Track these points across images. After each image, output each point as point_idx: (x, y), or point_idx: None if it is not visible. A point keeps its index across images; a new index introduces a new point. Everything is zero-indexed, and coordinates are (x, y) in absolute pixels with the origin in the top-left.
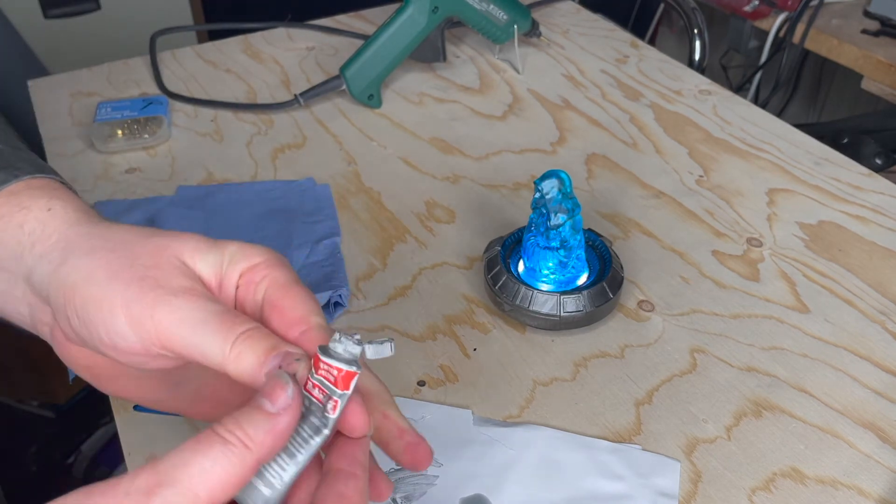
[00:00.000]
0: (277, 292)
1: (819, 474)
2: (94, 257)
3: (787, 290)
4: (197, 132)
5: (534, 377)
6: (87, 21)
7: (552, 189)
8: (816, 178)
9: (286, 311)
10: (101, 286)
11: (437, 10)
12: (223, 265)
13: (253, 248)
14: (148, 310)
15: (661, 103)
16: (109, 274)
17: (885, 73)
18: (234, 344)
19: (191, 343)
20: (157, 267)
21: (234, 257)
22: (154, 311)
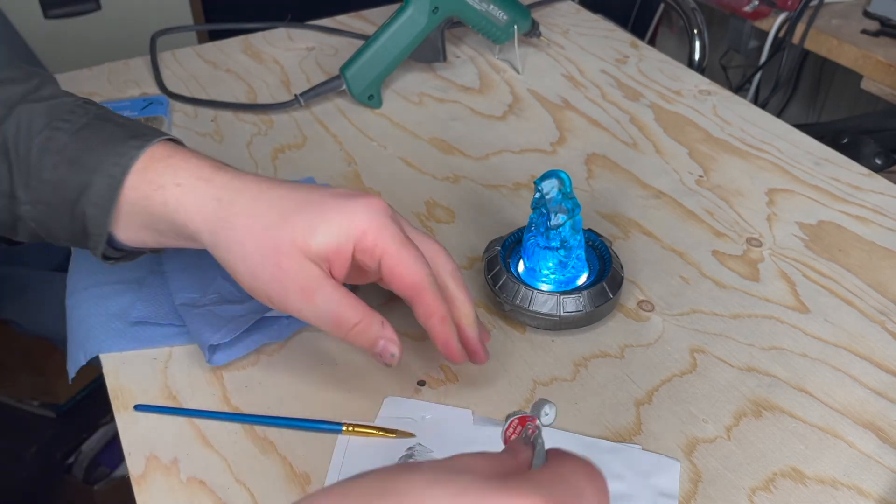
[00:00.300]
0: (389, 261)
1: (819, 474)
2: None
3: (787, 290)
4: (197, 132)
5: (534, 377)
6: (87, 21)
7: (552, 189)
8: (816, 178)
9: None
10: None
11: (437, 10)
12: (338, 241)
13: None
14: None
15: (660, 103)
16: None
17: (885, 73)
18: (348, 338)
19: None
20: (280, 266)
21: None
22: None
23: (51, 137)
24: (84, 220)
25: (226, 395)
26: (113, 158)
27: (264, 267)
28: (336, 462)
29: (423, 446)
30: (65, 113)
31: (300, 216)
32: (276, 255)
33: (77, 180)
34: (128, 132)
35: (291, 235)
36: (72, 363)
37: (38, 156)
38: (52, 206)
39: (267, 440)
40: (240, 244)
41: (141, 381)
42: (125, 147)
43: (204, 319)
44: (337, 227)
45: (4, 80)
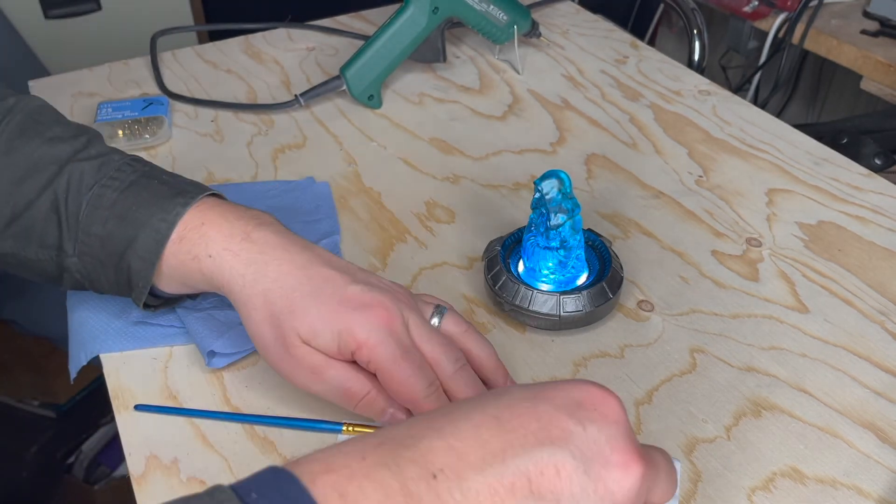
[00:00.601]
0: (385, 374)
1: (818, 474)
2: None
3: (787, 290)
4: (197, 132)
5: (534, 377)
6: (87, 21)
7: (552, 189)
8: (816, 178)
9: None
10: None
11: (437, 10)
12: (337, 345)
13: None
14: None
15: (660, 103)
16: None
17: (885, 73)
18: (356, 409)
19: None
20: (288, 352)
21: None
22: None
23: (101, 195)
24: (129, 272)
25: (226, 395)
26: (160, 214)
27: (276, 349)
28: None
29: None
30: (113, 171)
31: (306, 315)
32: (285, 342)
33: (124, 235)
34: (173, 190)
35: (297, 331)
36: (73, 363)
37: (88, 211)
38: (98, 259)
39: (267, 440)
40: (257, 324)
41: (141, 381)
42: (171, 204)
43: (204, 323)
44: (336, 336)
45: (55, 139)
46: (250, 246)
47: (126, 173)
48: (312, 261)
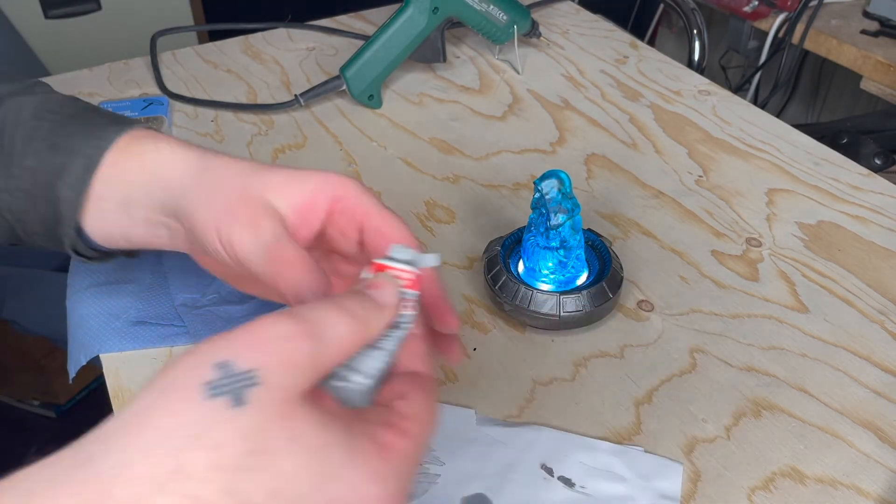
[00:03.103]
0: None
1: (818, 474)
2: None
3: (787, 289)
4: (197, 132)
5: (534, 377)
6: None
7: (552, 189)
8: (816, 178)
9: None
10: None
11: (437, 10)
12: (312, 198)
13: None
14: (228, 238)
15: (660, 103)
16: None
17: (885, 73)
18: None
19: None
20: (241, 200)
21: (321, 190)
22: (231, 238)
23: (37, 127)
24: (57, 204)
25: None
26: (93, 142)
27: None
28: None
29: None
30: (54, 105)
31: (278, 169)
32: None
33: (54, 163)
34: (111, 120)
35: (266, 180)
36: (72, 363)
37: (22, 145)
38: (29, 193)
39: None
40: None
41: (141, 381)
42: (105, 132)
43: (203, 320)
44: (316, 184)
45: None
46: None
47: (67, 108)
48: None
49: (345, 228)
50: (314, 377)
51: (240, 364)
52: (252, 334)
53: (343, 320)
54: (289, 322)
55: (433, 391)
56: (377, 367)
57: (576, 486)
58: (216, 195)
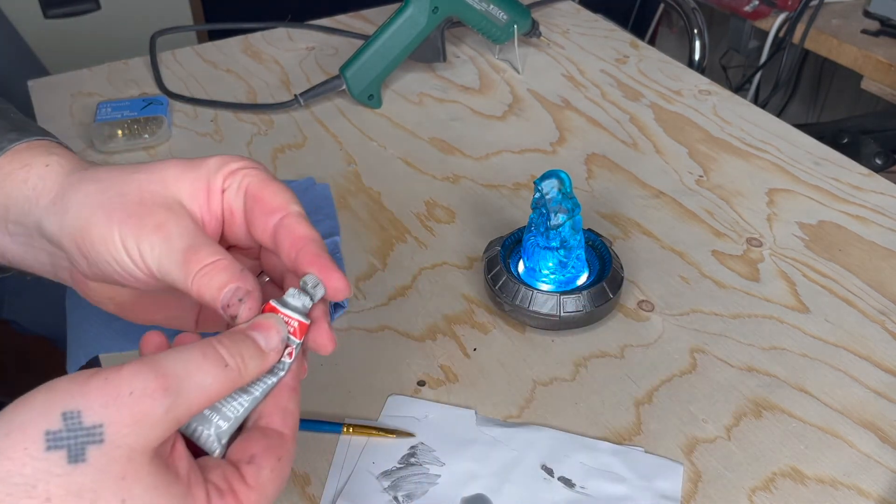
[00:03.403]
0: (257, 186)
1: (819, 474)
2: (90, 201)
3: (787, 290)
4: (197, 132)
5: (534, 377)
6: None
7: (552, 189)
8: (816, 178)
9: (266, 201)
10: (101, 227)
11: (437, 10)
12: (207, 179)
13: (232, 157)
14: (136, 246)
15: (660, 103)
16: (106, 215)
17: (885, 73)
18: (193, 280)
19: (167, 275)
20: (142, 203)
21: (217, 169)
22: (140, 247)
23: None
24: None
25: None
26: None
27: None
28: (336, 462)
29: (425, 445)
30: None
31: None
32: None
33: None
34: (14, 126)
35: (162, 174)
36: (72, 363)
37: None
38: None
39: None
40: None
41: None
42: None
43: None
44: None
45: None
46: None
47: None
48: None
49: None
50: (167, 432)
51: (87, 417)
52: (107, 386)
53: (210, 372)
54: (148, 377)
55: (286, 456)
56: (238, 412)
57: (576, 486)
58: (112, 205)
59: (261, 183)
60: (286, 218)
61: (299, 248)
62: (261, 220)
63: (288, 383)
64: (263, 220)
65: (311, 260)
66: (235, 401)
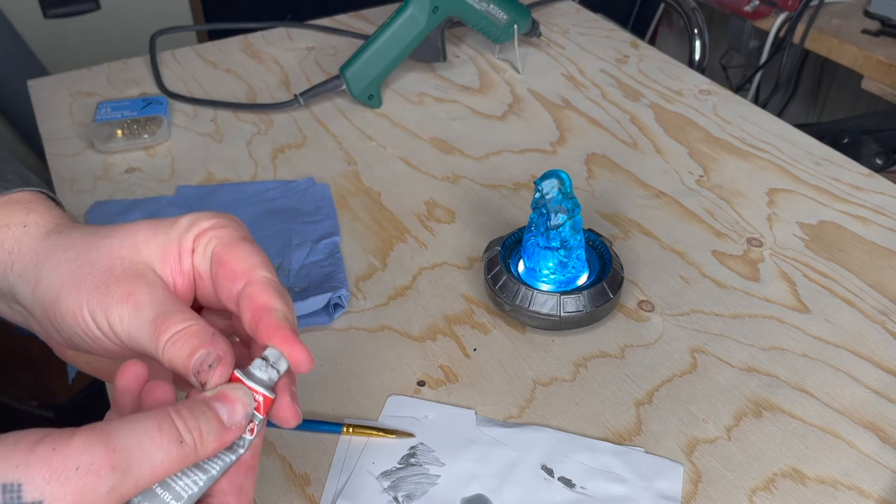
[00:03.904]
0: (223, 250)
1: (819, 474)
2: (61, 271)
3: (787, 290)
4: (197, 132)
5: (534, 377)
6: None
7: (552, 189)
8: (816, 178)
9: (231, 265)
10: (70, 299)
11: (437, 10)
12: (179, 239)
13: (204, 215)
14: (105, 318)
15: (661, 103)
16: (75, 286)
17: (886, 73)
18: (163, 350)
19: (138, 345)
20: (111, 271)
21: (187, 229)
22: (109, 318)
23: None
24: None
25: None
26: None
27: (92, 275)
28: (337, 462)
29: (425, 446)
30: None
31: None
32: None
33: None
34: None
35: (132, 239)
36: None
37: None
38: None
39: (267, 440)
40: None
41: None
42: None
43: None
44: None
45: None
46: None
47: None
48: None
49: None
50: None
51: (28, 492)
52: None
53: (163, 447)
54: (97, 451)
55: None
56: (192, 490)
57: (576, 486)
58: (81, 275)
59: (227, 246)
60: (248, 286)
61: (259, 318)
62: (225, 286)
63: (246, 462)
64: (227, 286)
65: (270, 332)
66: (189, 478)
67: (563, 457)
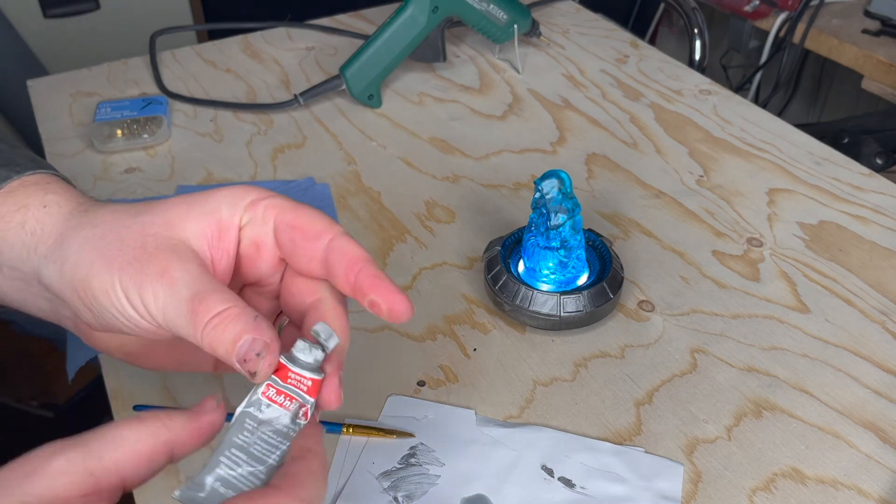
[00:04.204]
0: (290, 215)
1: (819, 474)
2: (89, 248)
3: (788, 290)
4: (197, 132)
5: (534, 377)
6: (86, 21)
7: (552, 189)
8: (817, 178)
9: (307, 226)
10: (101, 277)
11: (437, 9)
12: (218, 214)
13: (244, 188)
14: (138, 296)
15: (661, 103)
16: (105, 263)
17: (886, 72)
18: (203, 333)
19: (174, 327)
20: (143, 247)
21: (228, 203)
22: (143, 296)
23: None
24: None
25: (225, 395)
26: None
27: (123, 252)
28: (337, 462)
29: (425, 446)
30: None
31: (179, 198)
32: (143, 237)
33: None
34: (6, 161)
35: (165, 216)
36: (71, 363)
37: None
38: None
39: None
40: (99, 238)
41: (140, 381)
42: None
43: None
44: (219, 201)
45: None
46: (100, 203)
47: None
48: None
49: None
50: None
51: None
52: None
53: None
54: None
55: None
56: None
57: (576, 486)
58: (111, 252)
59: (292, 210)
60: (335, 241)
61: (357, 270)
62: (305, 247)
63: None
64: (310, 246)
65: (372, 283)
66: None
67: (563, 457)
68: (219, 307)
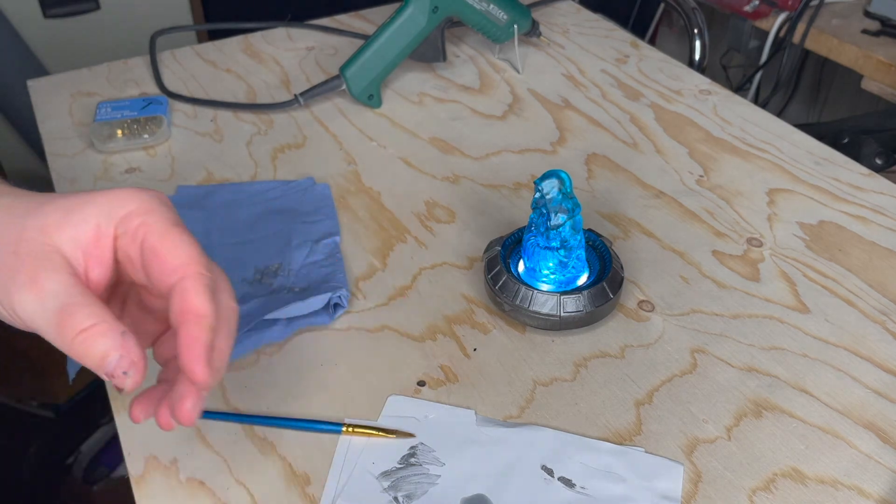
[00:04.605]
0: (154, 239)
1: (819, 474)
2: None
3: (788, 290)
4: (197, 132)
5: (534, 377)
6: (86, 21)
7: (552, 189)
8: (817, 178)
9: (164, 258)
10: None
11: (437, 9)
12: (96, 222)
13: (125, 195)
14: (9, 302)
15: (661, 103)
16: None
17: (886, 72)
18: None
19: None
20: (16, 254)
21: (106, 210)
22: (12, 302)
23: None
24: None
25: (225, 395)
26: None
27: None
28: (337, 463)
29: (425, 446)
30: None
31: (59, 201)
32: (17, 242)
33: None
34: None
35: (43, 221)
36: (71, 364)
37: None
38: None
39: (267, 440)
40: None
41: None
42: None
43: None
44: (98, 209)
45: None
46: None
47: None
48: None
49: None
50: None
51: None
52: None
53: None
54: None
55: None
56: None
57: (576, 486)
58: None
59: (160, 236)
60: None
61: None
62: (158, 278)
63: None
64: (161, 279)
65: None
66: None
67: (563, 457)
68: (86, 322)
